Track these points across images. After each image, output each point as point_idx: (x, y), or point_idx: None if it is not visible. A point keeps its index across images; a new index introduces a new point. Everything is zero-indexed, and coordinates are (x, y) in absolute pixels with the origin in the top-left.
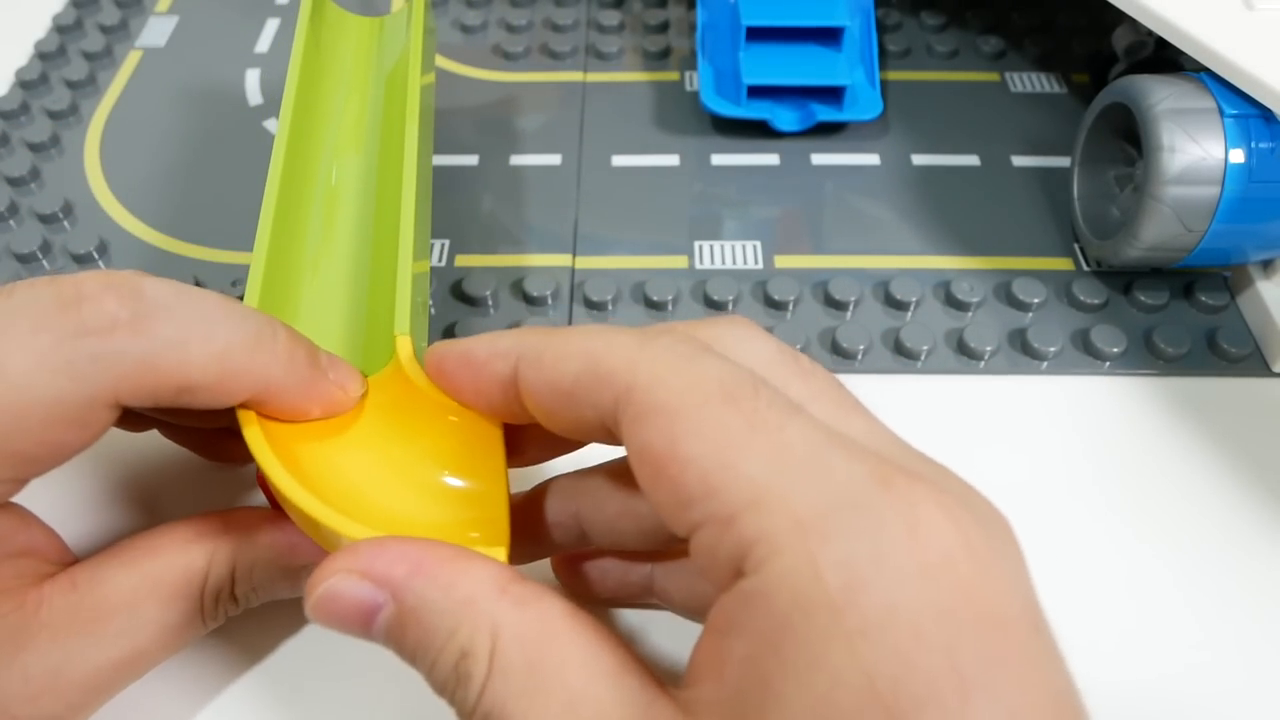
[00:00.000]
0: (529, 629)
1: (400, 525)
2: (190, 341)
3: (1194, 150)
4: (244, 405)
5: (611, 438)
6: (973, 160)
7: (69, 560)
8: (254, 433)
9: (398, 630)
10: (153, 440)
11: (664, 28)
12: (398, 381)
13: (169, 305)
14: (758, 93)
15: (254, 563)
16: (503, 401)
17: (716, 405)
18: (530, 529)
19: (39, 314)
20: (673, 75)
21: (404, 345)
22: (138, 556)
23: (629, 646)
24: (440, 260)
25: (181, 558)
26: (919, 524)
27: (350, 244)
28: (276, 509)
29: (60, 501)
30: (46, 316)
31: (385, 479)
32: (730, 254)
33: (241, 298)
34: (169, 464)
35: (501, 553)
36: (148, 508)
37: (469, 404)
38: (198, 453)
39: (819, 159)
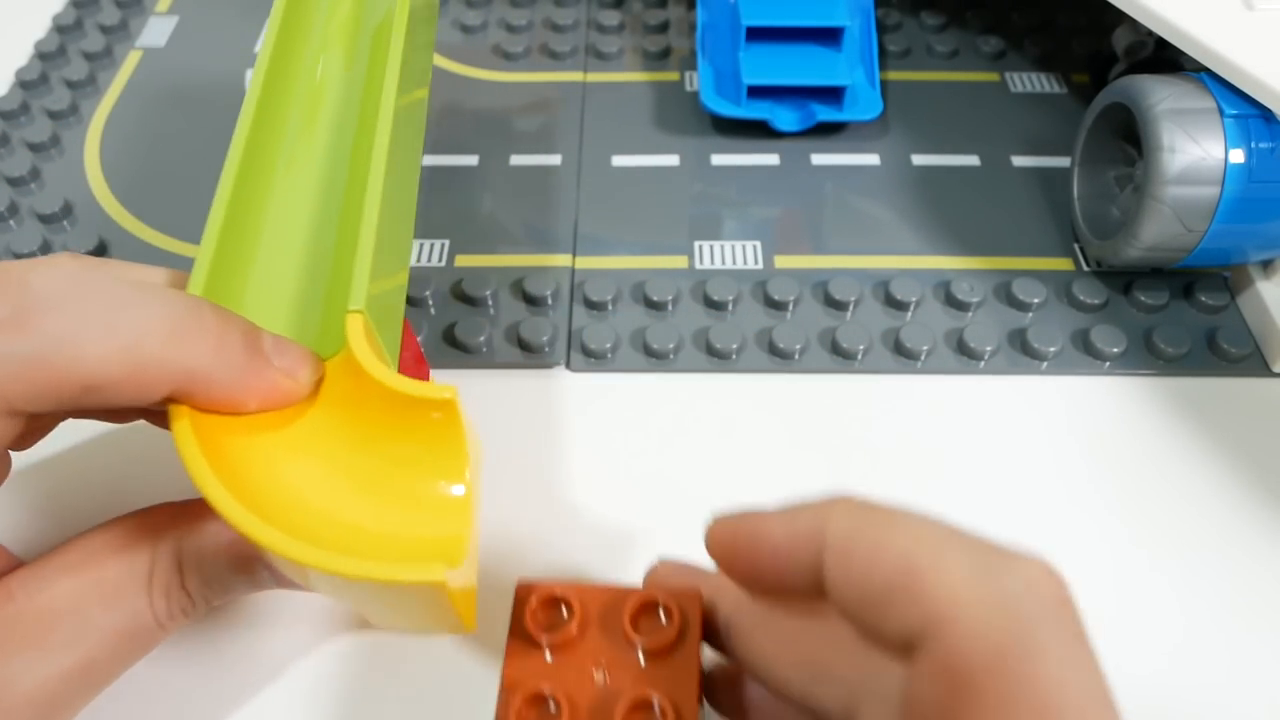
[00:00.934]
0: None
1: (345, 537)
2: (86, 336)
3: (1194, 150)
4: (170, 400)
5: (903, 655)
6: (973, 160)
7: (10, 569)
8: (182, 427)
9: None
10: (135, 430)
11: (664, 28)
12: (352, 368)
13: (60, 298)
14: (758, 93)
15: (201, 554)
16: (804, 593)
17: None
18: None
19: None
20: (673, 75)
21: (354, 324)
22: (78, 558)
23: None
24: (440, 260)
25: (124, 555)
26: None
27: (317, 210)
28: None
29: (6, 505)
30: None
31: (333, 480)
32: (730, 254)
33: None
34: (126, 457)
35: (443, 572)
36: (102, 506)
37: (760, 593)
38: (150, 421)
39: (819, 159)
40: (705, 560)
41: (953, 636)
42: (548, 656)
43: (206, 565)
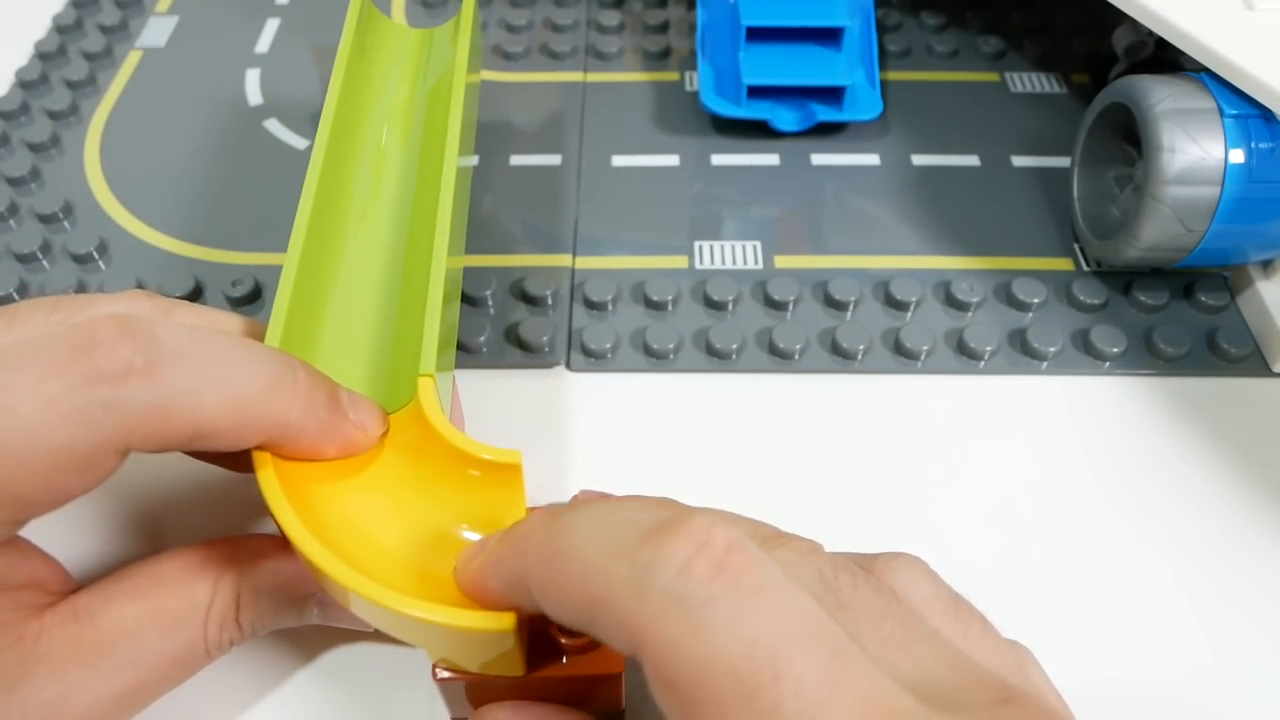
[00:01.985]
0: None
1: (407, 578)
2: (204, 388)
3: (1194, 150)
4: (260, 448)
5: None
6: (973, 160)
7: (71, 588)
8: (268, 475)
9: None
10: (166, 459)
11: (664, 28)
12: (418, 422)
13: (183, 351)
14: (758, 93)
15: (259, 591)
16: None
17: (734, 705)
18: None
19: (51, 358)
20: (673, 75)
21: (426, 388)
22: (141, 585)
23: None
24: None
25: (185, 586)
26: None
27: (382, 269)
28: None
29: (65, 523)
30: (58, 361)
31: (398, 524)
32: (730, 254)
33: (242, 299)
34: (178, 482)
35: (513, 622)
36: (155, 529)
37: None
38: (219, 464)
39: (819, 159)
40: None
41: (651, 655)
42: None
43: (263, 601)
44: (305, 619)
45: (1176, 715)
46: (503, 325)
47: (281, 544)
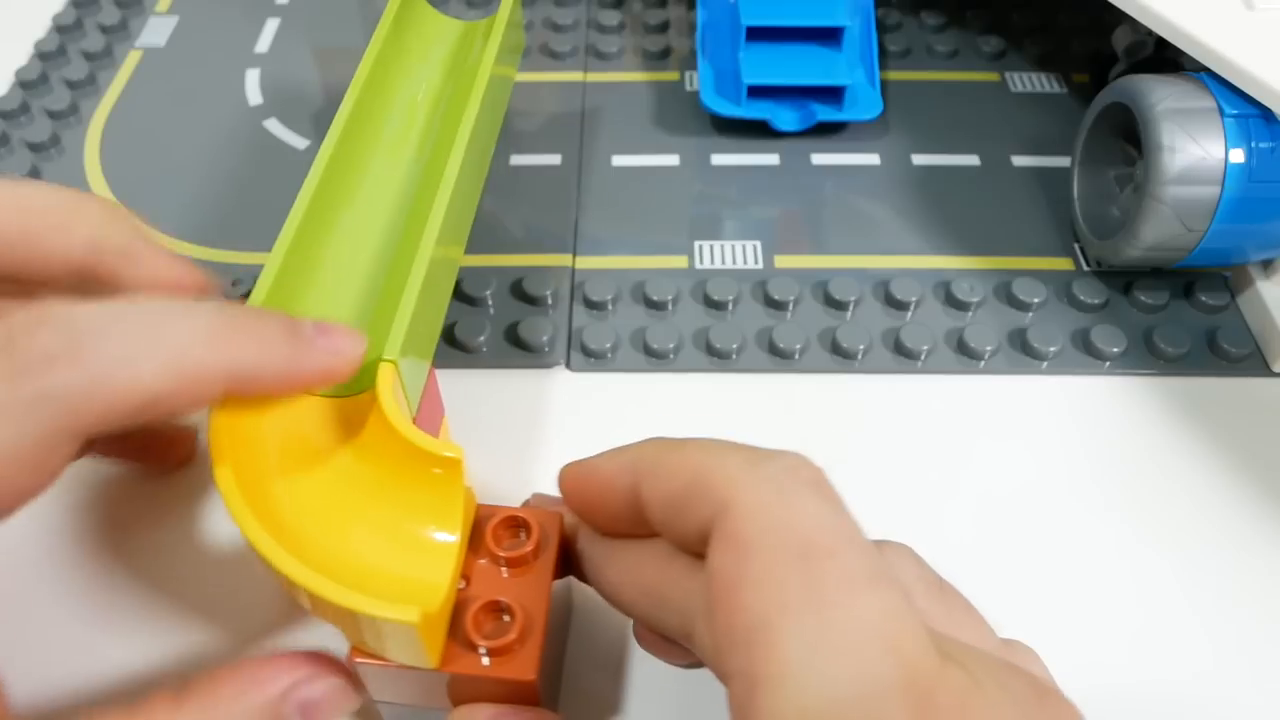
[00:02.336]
0: None
1: (344, 567)
2: (138, 354)
3: (1194, 150)
4: (226, 396)
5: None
6: (973, 160)
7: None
8: (224, 473)
9: None
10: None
11: (664, 28)
12: (375, 408)
13: (105, 325)
14: (758, 93)
15: None
16: (629, 517)
17: (789, 558)
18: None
19: None
20: (673, 75)
21: (385, 372)
22: None
23: None
24: None
25: None
26: None
27: (376, 255)
28: None
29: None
30: None
31: (346, 512)
32: (730, 254)
33: (242, 299)
34: (102, 486)
35: (418, 614)
36: (88, 537)
37: (600, 525)
38: (134, 461)
39: (819, 159)
40: None
41: (734, 513)
42: None
43: None
44: None
45: (1176, 715)
46: (503, 325)
47: (235, 671)
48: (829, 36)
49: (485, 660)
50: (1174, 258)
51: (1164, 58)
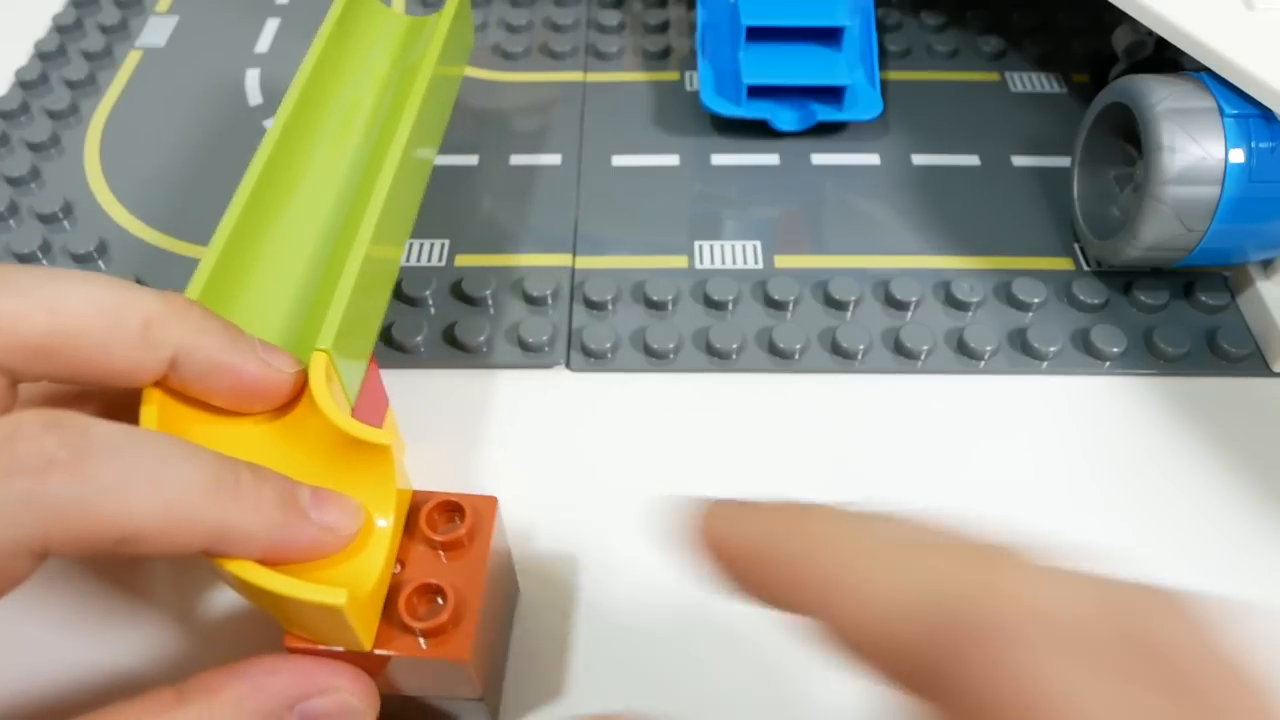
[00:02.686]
0: None
1: None
2: (135, 485)
3: (1194, 150)
4: (206, 554)
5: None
6: (973, 160)
7: None
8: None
9: None
10: None
11: (664, 28)
12: (308, 399)
13: (115, 446)
14: (758, 93)
15: None
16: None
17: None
18: None
19: None
20: (673, 75)
21: (318, 362)
22: None
23: None
24: (440, 260)
25: None
26: None
27: (315, 251)
28: None
29: None
30: None
31: None
32: (730, 254)
33: None
34: None
35: (343, 597)
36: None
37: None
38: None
39: (819, 159)
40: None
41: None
42: None
43: None
44: None
45: None
46: (503, 325)
47: (239, 672)
48: (829, 36)
49: (421, 642)
50: (1174, 258)
51: (1164, 58)
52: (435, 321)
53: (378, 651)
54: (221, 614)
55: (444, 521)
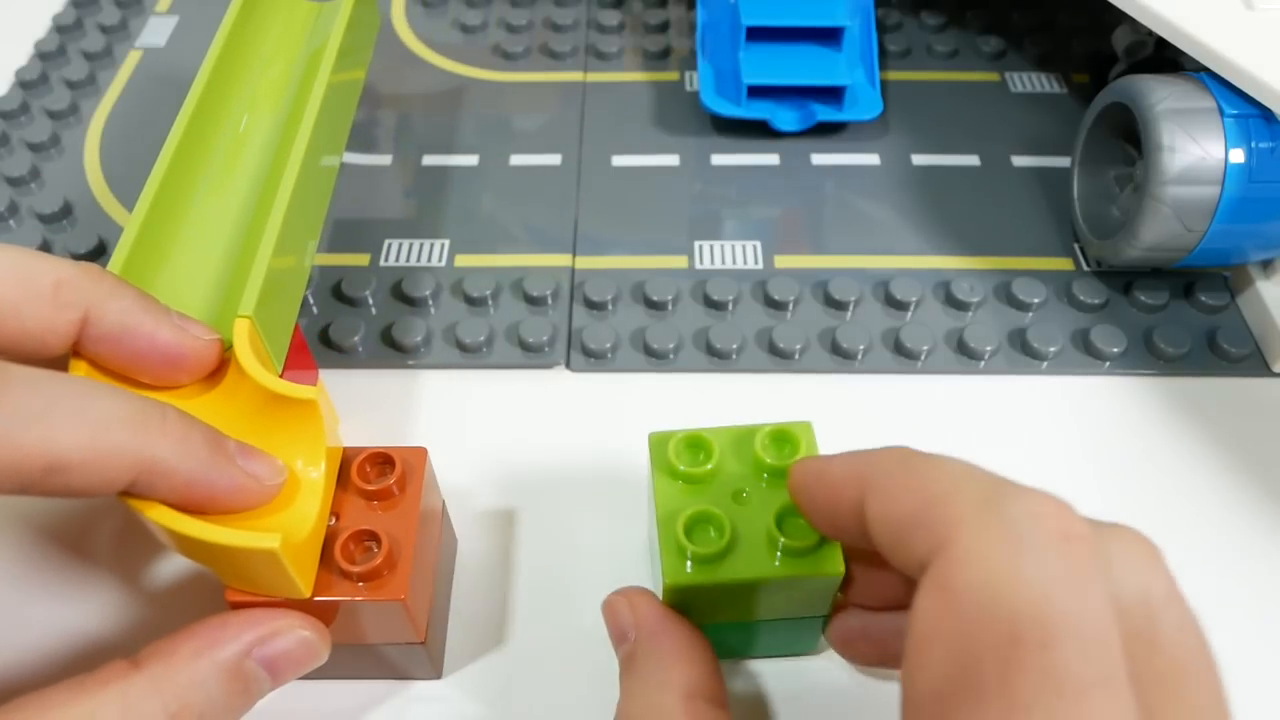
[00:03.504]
0: None
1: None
2: (59, 415)
3: (1194, 150)
4: (130, 492)
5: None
6: (973, 160)
7: None
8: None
9: (626, 665)
10: None
11: (664, 28)
12: (235, 365)
13: (36, 380)
14: (758, 93)
15: (188, 689)
16: (854, 529)
17: (991, 637)
18: None
19: None
20: (673, 75)
21: (240, 327)
22: None
23: None
24: (440, 260)
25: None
26: None
27: (240, 212)
28: None
29: None
30: None
31: None
32: (730, 254)
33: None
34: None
35: (277, 541)
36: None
37: (822, 527)
38: None
39: (819, 159)
40: None
41: (950, 556)
42: None
43: (197, 697)
44: (256, 693)
45: None
46: (503, 325)
47: (191, 632)
48: (829, 36)
49: (359, 586)
50: (1174, 258)
51: (1164, 58)
52: (436, 321)
53: (317, 598)
54: (171, 583)
55: (376, 474)
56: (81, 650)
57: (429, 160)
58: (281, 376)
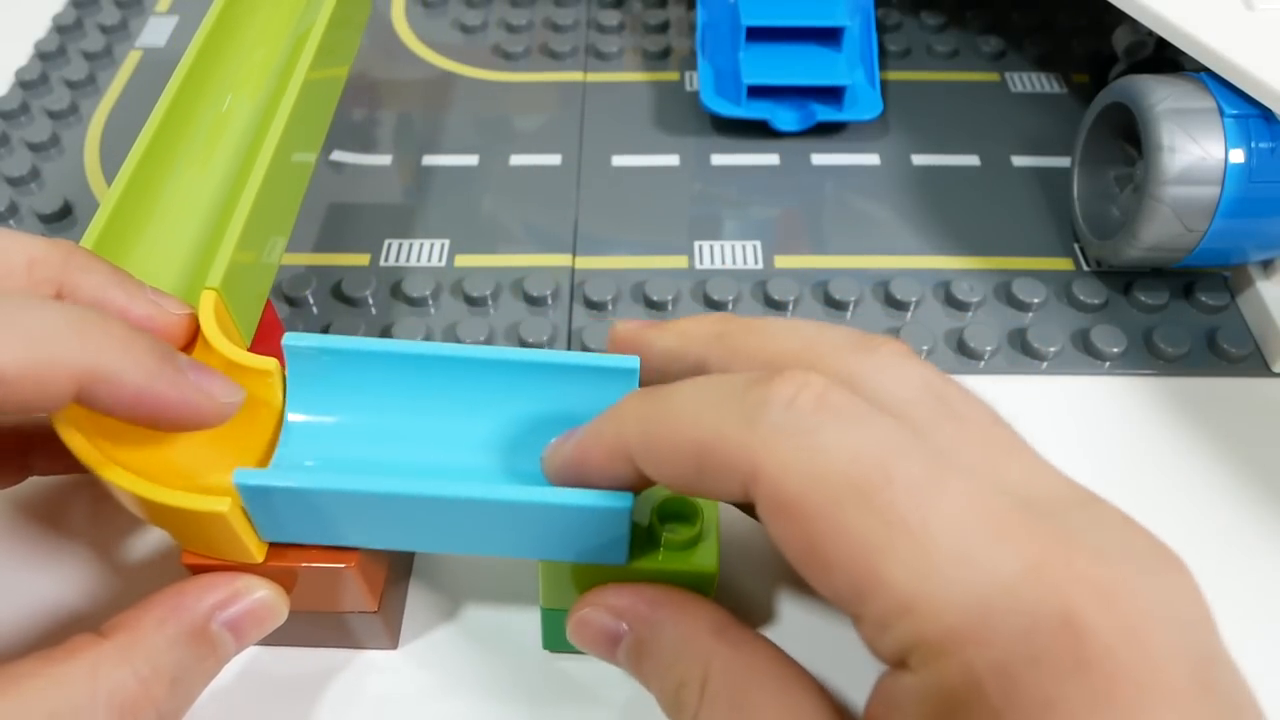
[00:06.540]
0: (738, 670)
1: (179, 475)
2: None
3: (1194, 150)
4: (77, 398)
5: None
6: (973, 160)
7: None
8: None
9: (635, 656)
10: None
11: (664, 28)
12: (199, 334)
13: None
14: (758, 93)
15: (155, 653)
16: (645, 484)
17: (850, 505)
18: None
19: None
20: (673, 75)
21: (205, 299)
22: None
23: (831, 697)
24: (440, 260)
25: (57, 692)
26: (1072, 616)
27: (217, 189)
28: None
29: None
30: None
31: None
32: (730, 254)
33: None
34: None
35: (226, 504)
36: None
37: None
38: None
39: (819, 159)
40: None
41: (765, 482)
42: None
43: (164, 659)
44: (223, 656)
45: None
46: (503, 325)
47: (151, 602)
48: (829, 36)
49: (311, 551)
50: (1174, 258)
51: (1164, 58)
52: (436, 321)
53: (270, 563)
54: (144, 559)
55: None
56: (54, 625)
57: (429, 160)
58: (249, 349)
